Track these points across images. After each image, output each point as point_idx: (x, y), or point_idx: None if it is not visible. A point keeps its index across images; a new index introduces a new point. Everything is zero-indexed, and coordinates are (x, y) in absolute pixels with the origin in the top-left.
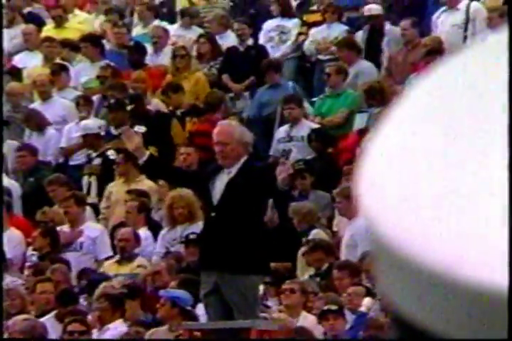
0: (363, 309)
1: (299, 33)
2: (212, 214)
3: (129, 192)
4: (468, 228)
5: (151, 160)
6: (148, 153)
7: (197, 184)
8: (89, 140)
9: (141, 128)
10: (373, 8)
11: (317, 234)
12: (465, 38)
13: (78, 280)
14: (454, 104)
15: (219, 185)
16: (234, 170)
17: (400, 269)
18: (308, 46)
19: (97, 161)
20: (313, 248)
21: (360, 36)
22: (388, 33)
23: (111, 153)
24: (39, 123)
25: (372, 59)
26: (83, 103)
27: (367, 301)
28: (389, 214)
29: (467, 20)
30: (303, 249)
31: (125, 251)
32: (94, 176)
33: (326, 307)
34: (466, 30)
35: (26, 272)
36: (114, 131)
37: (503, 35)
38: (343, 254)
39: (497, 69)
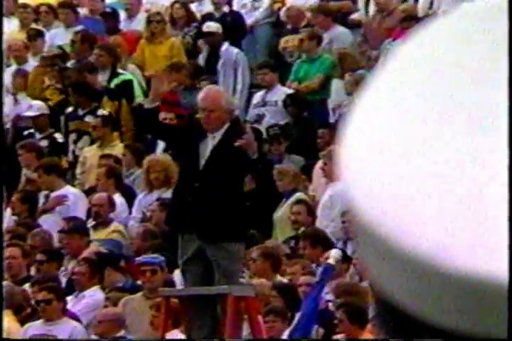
0: (330, 261)
1: (274, 1)
2: (198, 178)
3: (102, 157)
4: (458, 212)
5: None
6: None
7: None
8: (39, 121)
9: (103, 112)
10: (213, 26)
11: (300, 196)
12: (431, 3)
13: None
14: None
15: (203, 150)
16: (218, 135)
17: (385, 254)
18: (285, 13)
19: (44, 143)
20: (297, 202)
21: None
22: (224, 54)
23: (59, 136)
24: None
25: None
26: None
27: (334, 252)
28: (372, 200)
29: None
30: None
31: (99, 216)
32: None
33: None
34: None
35: (6, 237)
36: (80, 112)
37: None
38: (319, 214)
39: (473, 37)
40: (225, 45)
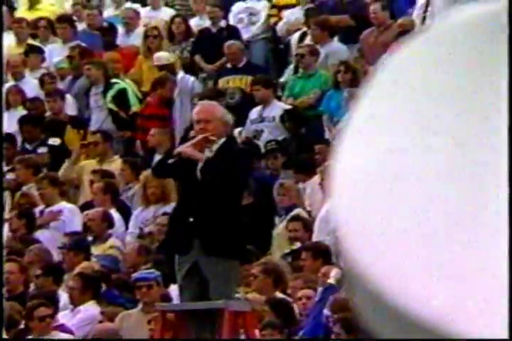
0: (331, 281)
1: (269, 15)
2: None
3: (94, 172)
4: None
5: None
6: None
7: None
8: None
9: (56, 141)
10: (163, 58)
11: (297, 212)
12: (424, 19)
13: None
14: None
15: (199, 164)
16: (215, 148)
17: (382, 310)
18: (281, 28)
19: (43, 150)
20: (293, 219)
21: None
22: (179, 82)
23: (53, 141)
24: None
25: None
26: (49, 81)
27: (335, 272)
28: (369, 250)
29: (428, 1)
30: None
31: (94, 232)
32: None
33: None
34: (426, 11)
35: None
36: (28, 146)
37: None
38: (316, 229)
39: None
40: (181, 74)
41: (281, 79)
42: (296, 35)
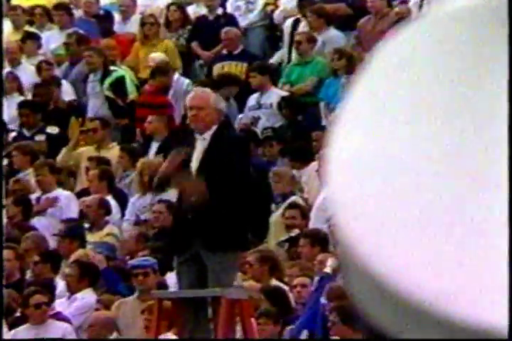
0: (327, 270)
1: (267, 3)
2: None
3: (90, 159)
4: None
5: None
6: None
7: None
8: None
9: (54, 130)
10: (157, 59)
11: (294, 200)
12: (421, 6)
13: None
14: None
15: (195, 153)
16: (207, 136)
17: (378, 293)
18: (278, 15)
19: (41, 138)
20: (290, 207)
21: None
22: (175, 84)
23: (51, 129)
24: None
25: None
26: (46, 68)
27: (331, 261)
28: (369, 239)
29: None
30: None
31: (90, 219)
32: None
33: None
34: None
35: None
36: (26, 133)
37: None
38: (312, 217)
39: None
40: (176, 75)
41: (271, 60)
42: (289, 22)
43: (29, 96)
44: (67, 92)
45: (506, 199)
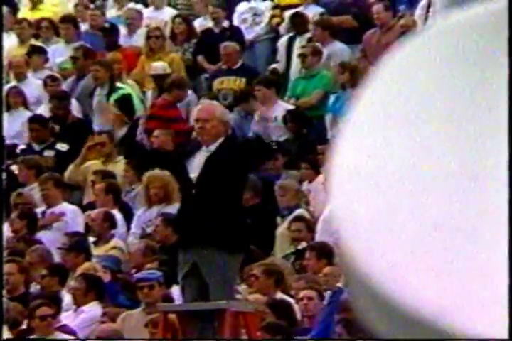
0: (340, 284)
1: (273, 16)
2: (193, 191)
3: (95, 173)
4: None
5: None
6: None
7: (173, 164)
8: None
9: (63, 147)
10: (159, 67)
11: (300, 213)
12: (426, 19)
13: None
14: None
15: (197, 163)
16: (213, 147)
17: (382, 306)
18: (285, 27)
19: (49, 153)
20: (296, 220)
21: None
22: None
23: (61, 146)
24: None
25: None
26: (50, 83)
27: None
28: (364, 244)
29: (429, 2)
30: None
31: (96, 232)
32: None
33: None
34: (428, 11)
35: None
36: (36, 147)
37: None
38: (318, 229)
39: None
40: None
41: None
42: (283, 40)
43: (36, 111)
44: (75, 109)
45: (506, 205)
